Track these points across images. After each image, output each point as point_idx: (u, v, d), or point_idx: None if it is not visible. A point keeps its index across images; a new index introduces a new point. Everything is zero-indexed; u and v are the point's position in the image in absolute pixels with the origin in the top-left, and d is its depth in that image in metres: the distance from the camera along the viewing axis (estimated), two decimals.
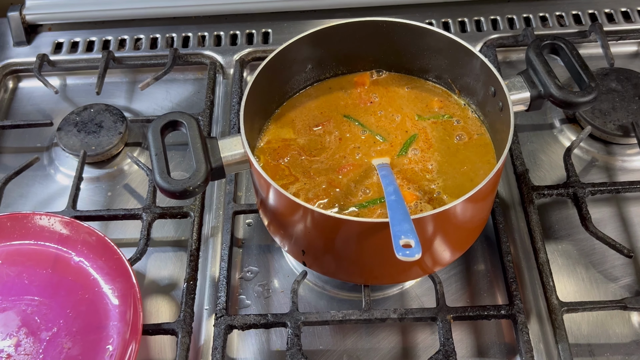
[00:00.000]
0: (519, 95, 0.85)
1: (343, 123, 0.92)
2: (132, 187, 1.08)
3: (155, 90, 1.20)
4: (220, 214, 1.02)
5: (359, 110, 0.94)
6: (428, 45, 0.92)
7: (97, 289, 0.89)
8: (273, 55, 0.87)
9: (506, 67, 1.20)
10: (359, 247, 0.79)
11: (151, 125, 0.80)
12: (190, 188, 0.75)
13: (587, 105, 0.84)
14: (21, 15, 1.27)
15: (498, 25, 1.24)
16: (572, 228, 0.99)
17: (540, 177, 1.04)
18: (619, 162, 1.06)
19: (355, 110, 0.94)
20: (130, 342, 0.82)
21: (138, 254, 0.94)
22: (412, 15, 1.25)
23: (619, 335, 0.89)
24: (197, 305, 0.93)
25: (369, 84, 0.96)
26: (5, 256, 0.93)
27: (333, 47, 0.93)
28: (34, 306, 0.88)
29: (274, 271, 0.97)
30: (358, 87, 0.96)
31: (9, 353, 0.84)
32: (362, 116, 0.93)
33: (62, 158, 1.11)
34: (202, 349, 0.89)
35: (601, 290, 0.93)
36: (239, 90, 1.15)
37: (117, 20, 1.29)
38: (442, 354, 0.84)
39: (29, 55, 1.25)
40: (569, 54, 0.87)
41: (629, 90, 1.10)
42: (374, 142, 0.90)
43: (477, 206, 0.80)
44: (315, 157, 0.89)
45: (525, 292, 0.92)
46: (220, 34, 1.27)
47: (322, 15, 1.28)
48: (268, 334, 0.91)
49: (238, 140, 0.80)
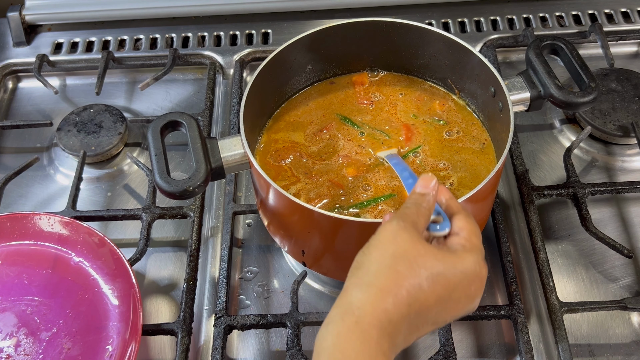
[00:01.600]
0: (519, 96, 0.85)
1: (343, 123, 0.92)
2: (132, 187, 1.08)
3: (155, 90, 1.20)
4: (220, 214, 1.02)
5: (359, 110, 0.94)
6: (428, 46, 0.92)
7: (97, 289, 0.89)
8: (273, 55, 0.87)
9: (506, 68, 1.20)
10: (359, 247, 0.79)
11: (151, 125, 0.80)
12: (190, 188, 0.75)
13: (587, 105, 0.84)
14: (21, 15, 1.26)
15: (498, 26, 1.24)
16: (572, 228, 0.99)
17: (540, 178, 1.04)
18: (619, 163, 1.06)
19: (355, 110, 0.94)
20: (130, 343, 0.82)
21: (138, 254, 0.94)
22: (412, 15, 1.25)
23: (619, 335, 0.89)
24: (197, 306, 0.93)
25: (368, 84, 0.96)
26: (5, 256, 0.93)
27: (333, 47, 0.93)
28: (34, 306, 0.88)
29: (274, 271, 0.97)
30: (357, 87, 0.96)
31: (9, 353, 0.84)
32: (362, 116, 0.93)
33: (61, 158, 1.11)
34: (201, 349, 0.89)
35: (601, 290, 0.93)
36: (238, 91, 1.15)
37: (116, 21, 1.29)
38: (442, 355, 0.83)
39: (29, 56, 1.24)
40: (569, 54, 0.87)
41: (628, 90, 1.10)
42: (374, 141, 0.90)
43: (477, 206, 0.80)
44: (316, 158, 0.89)
45: (525, 292, 0.92)
46: (220, 34, 1.27)
47: (322, 15, 1.28)
48: (268, 334, 0.91)
49: (238, 141, 0.80)
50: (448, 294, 0.60)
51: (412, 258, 0.60)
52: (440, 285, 0.60)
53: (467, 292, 0.62)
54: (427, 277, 0.59)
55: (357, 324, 0.57)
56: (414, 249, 0.60)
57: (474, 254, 0.63)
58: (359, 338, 0.57)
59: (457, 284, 0.61)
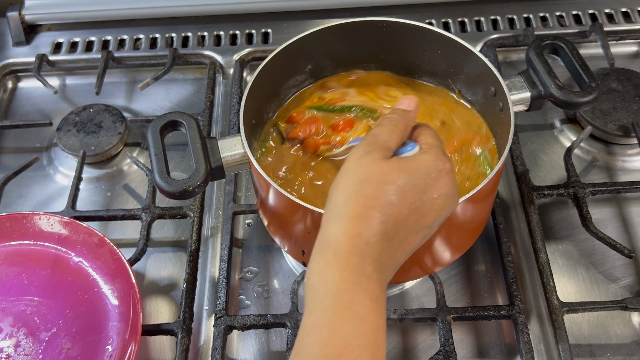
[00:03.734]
0: (519, 96, 0.85)
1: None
2: (132, 187, 1.08)
3: (155, 90, 1.20)
4: (219, 214, 1.02)
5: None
6: (428, 46, 0.91)
7: (97, 289, 0.89)
8: (273, 55, 0.87)
9: (506, 67, 1.20)
10: None
11: (150, 125, 0.80)
12: (190, 188, 0.75)
13: (588, 105, 0.84)
14: (20, 15, 1.26)
15: (498, 25, 1.24)
16: (572, 228, 0.98)
17: (540, 177, 1.04)
18: (619, 162, 1.06)
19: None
20: (130, 343, 0.82)
21: (137, 254, 0.94)
22: (412, 15, 1.25)
23: (619, 335, 0.89)
24: (197, 306, 0.92)
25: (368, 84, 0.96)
26: (4, 256, 0.92)
27: (333, 47, 0.93)
28: (34, 306, 0.88)
29: (274, 271, 0.97)
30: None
31: (9, 353, 0.84)
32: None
33: (61, 158, 1.11)
34: (201, 350, 0.89)
35: (602, 290, 0.93)
36: (238, 90, 1.15)
37: (116, 20, 1.29)
38: (442, 355, 0.83)
39: (28, 55, 1.24)
40: (569, 54, 0.87)
41: (629, 90, 1.10)
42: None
43: (477, 206, 0.80)
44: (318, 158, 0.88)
45: (526, 292, 0.92)
46: (220, 34, 1.27)
47: (322, 15, 1.28)
48: (268, 334, 0.91)
49: (238, 141, 0.80)
50: (419, 198, 0.61)
51: (376, 178, 0.60)
52: (410, 194, 0.61)
53: (438, 190, 0.62)
54: (394, 190, 0.60)
55: (334, 256, 0.58)
56: (376, 168, 0.61)
57: (431, 152, 0.64)
58: (338, 268, 0.58)
59: (424, 187, 0.61)
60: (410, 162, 0.62)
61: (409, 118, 0.67)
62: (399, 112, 0.67)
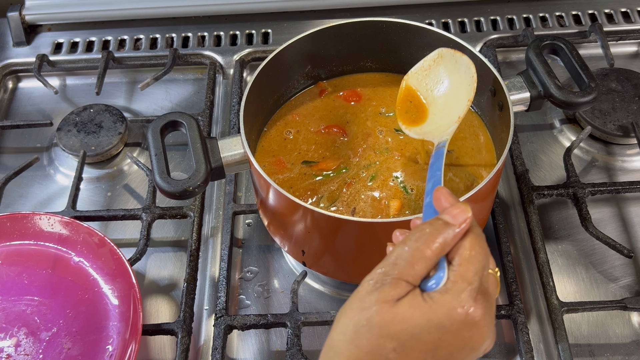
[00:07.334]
0: (519, 96, 0.85)
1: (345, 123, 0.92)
2: (132, 187, 1.08)
3: (155, 90, 1.20)
4: (220, 214, 1.02)
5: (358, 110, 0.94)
6: (428, 46, 0.91)
7: (97, 289, 0.89)
8: (273, 55, 0.87)
9: (506, 67, 1.20)
10: (359, 247, 0.79)
11: (151, 125, 0.80)
12: (190, 188, 0.75)
13: (587, 105, 0.84)
14: (21, 15, 1.26)
15: (498, 26, 1.24)
16: (572, 228, 0.99)
17: (540, 178, 1.04)
18: (619, 163, 1.06)
19: (355, 110, 0.94)
20: (130, 343, 0.82)
21: (138, 254, 0.94)
22: (412, 15, 1.25)
23: (619, 335, 0.89)
24: (197, 306, 0.93)
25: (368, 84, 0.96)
26: (5, 256, 0.93)
27: (333, 47, 0.93)
28: (34, 306, 0.88)
29: (274, 271, 0.97)
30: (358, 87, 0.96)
31: (9, 353, 0.84)
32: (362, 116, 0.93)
33: (61, 158, 1.11)
34: (201, 349, 0.89)
35: (601, 290, 0.93)
36: (238, 91, 1.15)
37: (116, 20, 1.29)
38: None
39: (29, 56, 1.25)
40: (568, 54, 0.87)
41: (629, 90, 1.10)
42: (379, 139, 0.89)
43: (477, 206, 0.80)
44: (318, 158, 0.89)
45: (525, 292, 0.92)
46: (220, 34, 1.27)
47: (322, 15, 1.28)
48: (268, 334, 0.91)
49: (238, 141, 0.80)
50: (431, 355, 0.50)
51: (376, 327, 0.50)
52: (414, 352, 0.50)
53: (457, 344, 0.50)
54: (395, 347, 0.50)
55: None
56: (378, 315, 0.50)
57: (453, 292, 0.50)
58: None
59: (437, 342, 0.50)
60: (420, 308, 0.50)
61: (448, 236, 0.52)
62: (436, 226, 0.53)
